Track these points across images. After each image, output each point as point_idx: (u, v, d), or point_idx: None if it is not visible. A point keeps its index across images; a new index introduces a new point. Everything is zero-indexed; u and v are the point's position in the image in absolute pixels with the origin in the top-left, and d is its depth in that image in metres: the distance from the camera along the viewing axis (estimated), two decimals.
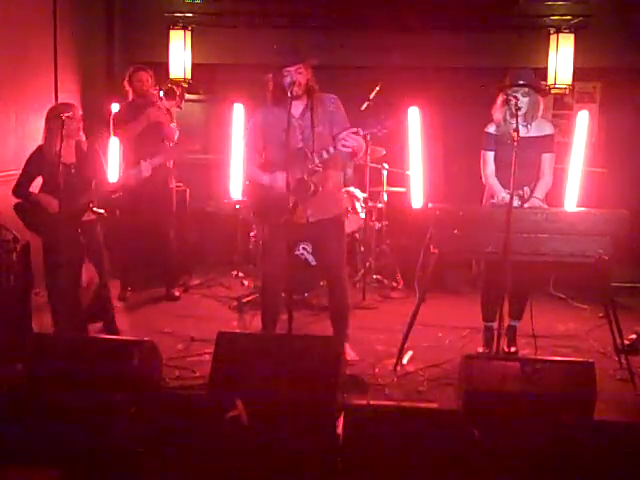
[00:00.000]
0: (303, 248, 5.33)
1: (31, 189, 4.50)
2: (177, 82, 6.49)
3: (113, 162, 5.99)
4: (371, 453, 3.36)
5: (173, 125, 5.50)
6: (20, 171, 4.51)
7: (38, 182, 4.51)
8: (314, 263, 5.32)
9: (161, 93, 5.44)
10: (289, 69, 3.96)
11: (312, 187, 4.00)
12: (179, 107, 5.46)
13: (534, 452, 3.25)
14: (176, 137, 5.53)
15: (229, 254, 6.58)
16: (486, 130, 4.36)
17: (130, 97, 5.53)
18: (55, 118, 4.25)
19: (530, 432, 3.28)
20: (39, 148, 4.47)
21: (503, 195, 4.20)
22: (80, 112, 4.48)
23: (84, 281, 4.60)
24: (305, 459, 3.20)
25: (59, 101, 5.23)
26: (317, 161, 3.98)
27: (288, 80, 3.95)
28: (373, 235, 6.13)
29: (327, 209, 4.17)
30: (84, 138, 4.50)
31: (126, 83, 5.51)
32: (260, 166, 4.21)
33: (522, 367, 3.45)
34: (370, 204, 6.02)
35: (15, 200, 4.45)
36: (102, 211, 4.50)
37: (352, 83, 6.29)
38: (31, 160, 4.48)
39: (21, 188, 4.47)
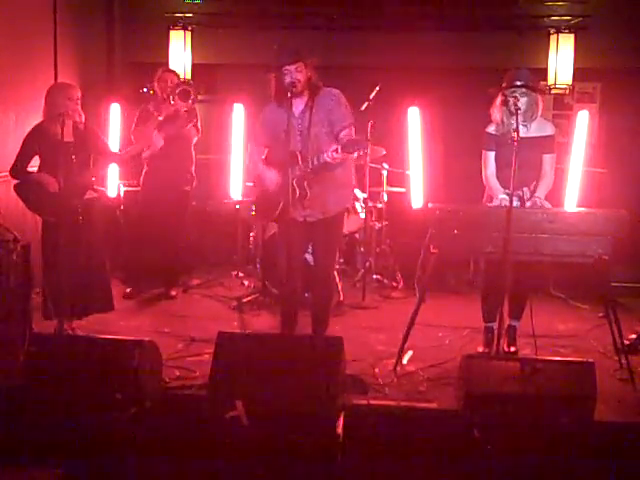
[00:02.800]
0: None
1: (29, 168, 4.51)
2: (191, 83, 6.47)
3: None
4: (371, 453, 3.36)
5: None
6: (18, 151, 4.51)
7: (36, 162, 4.52)
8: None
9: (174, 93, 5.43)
10: (288, 68, 3.97)
11: (297, 191, 4.01)
12: (192, 108, 5.45)
13: (534, 452, 3.25)
14: (195, 140, 5.57)
15: (229, 254, 6.58)
16: (486, 130, 4.36)
17: (158, 97, 5.55)
18: (57, 116, 4.28)
19: (530, 432, 3.29)
20: (37, 127, 4.48)
21: (501, 197, 4.20)
22: (79, 94, 4.48)
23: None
24: (305, 459, 3.21)
25: (59, 81, 5.21)
26: (307, 166, 4.00)
27: (288, 79, 3.96)
28: (373, 235, 6.13)
29: (327, 209, 4.16)
30: (83, 118, 4.50)
31: (155, 84, 5.58)
32: (262, 162, 4.29)
33: (522, 367, 3.45)
34: (370, 204, 6.02)
35: (14, 181, 4.48)
36: (103, 189, 4.54)
37: (352, 83, 6.28)
38: (29, 139, 4.49)
39: (19, 168, 4.48)
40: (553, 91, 6.77)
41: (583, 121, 6.14)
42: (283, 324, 4.35)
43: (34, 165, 4.53)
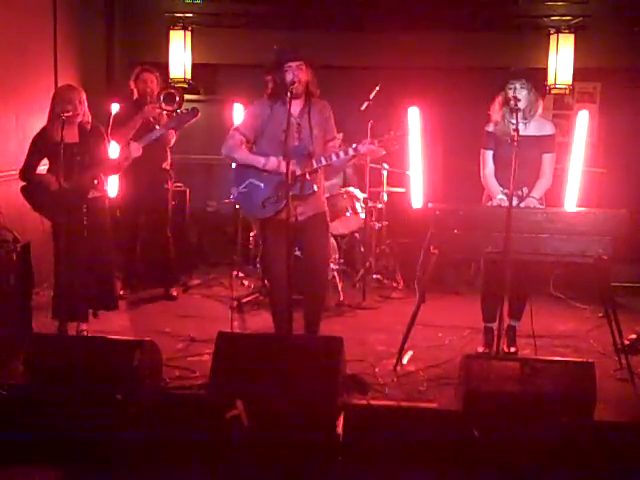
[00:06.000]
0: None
1: (38, 170, 4.49)
2: (176, 86, 6.47)
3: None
4: (371, 453, 3.37)
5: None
6: (26, 153, 4.50)
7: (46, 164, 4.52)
8: None
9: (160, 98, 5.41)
10: (290, 64, 3.98)
11: (314, 186, 4.03)
12: (178, 112, 5.43)
13: (534, 452, 3.25)
14: (173, 141, 5.52)
15: (229, 254, 6.58)
16: (486, 129, 4.37)
17: (135, 96, 5.53)
18: (57, 117, 4.28)
19: (530, 432, 3.29)
20: (42, 130, 4.48)
21: (500, 197, 4.21)
22: (84, 95, 4.47)
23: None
24: (305, 459, 3.21)
25: (64, 84, 5.19)
26: (324, 162, 4.03)
27: (289, 77, 3.96)
28: (373, 235, 6.13)
29: (315, 206, 4.21)
30: (89, 118, 4.49)
31: (132, 82, 5.52)
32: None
33: (522, 367, 3.45)
34: (370, 204, 6.02)
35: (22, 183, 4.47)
36: (106, 188, 4.53)
37: (352, 83, 6.29)
38: (35, 142, 4.49)
39: (26, 170, 4.48)
40: (553, 91, 6.76)
41: (583, 121, 6.14)
42: (277, 326, 4.33)
43: (44, 167, 4.53)
